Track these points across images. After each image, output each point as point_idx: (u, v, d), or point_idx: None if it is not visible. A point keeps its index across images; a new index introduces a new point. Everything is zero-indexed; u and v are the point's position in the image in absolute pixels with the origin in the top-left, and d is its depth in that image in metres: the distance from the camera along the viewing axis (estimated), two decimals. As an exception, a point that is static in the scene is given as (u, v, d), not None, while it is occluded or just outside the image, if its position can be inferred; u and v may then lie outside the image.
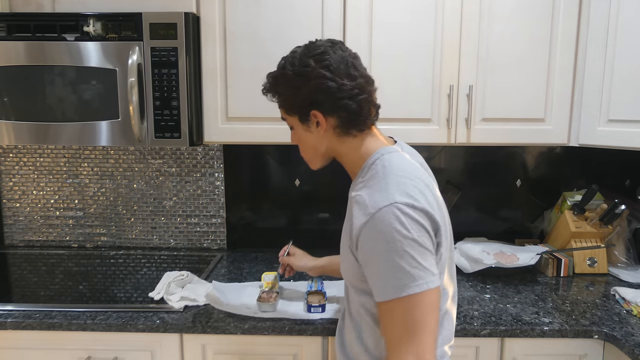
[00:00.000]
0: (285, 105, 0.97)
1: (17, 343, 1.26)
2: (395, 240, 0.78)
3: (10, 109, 1.42)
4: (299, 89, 0.91)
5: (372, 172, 0.89)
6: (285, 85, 0.94)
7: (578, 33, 1.46)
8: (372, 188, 0.85)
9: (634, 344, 1.13)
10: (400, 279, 0.78)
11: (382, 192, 0.83)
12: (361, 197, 0.85)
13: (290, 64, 0.93)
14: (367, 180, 0.89)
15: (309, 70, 0.90)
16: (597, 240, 1.61)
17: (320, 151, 0.98)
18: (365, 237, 0.82)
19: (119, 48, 1.39)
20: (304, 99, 0.91)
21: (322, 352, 1.26)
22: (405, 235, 0.78)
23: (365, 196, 0.84)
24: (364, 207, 0.83)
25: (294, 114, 0.96)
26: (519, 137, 1.50)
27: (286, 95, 0.95)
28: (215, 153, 1.83)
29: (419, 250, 0.79)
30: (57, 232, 1.88)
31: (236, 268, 1.65)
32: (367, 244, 0.81)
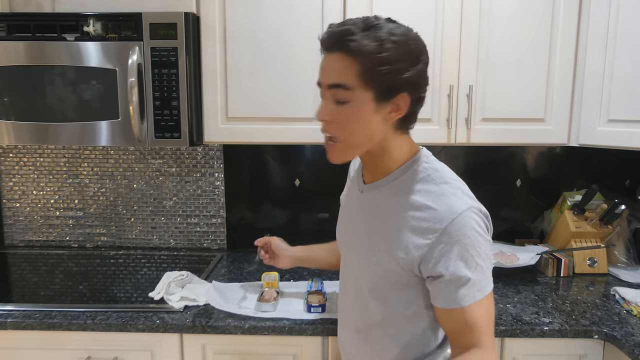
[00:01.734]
0: (372, 73, 0.78)
1: (17, 343, 1.26)
2: (480, 244, 0.80)
3: (10, 109, 1.42)
4: (411, 64, 0.79)
5: (421, 176, 0.85)
6: (399, 54, 0.77)
7: (578, 33, 1.46)
8: (434, 193, 0.82)
9: (634, 344, 1.13)
10: (482, 281, 0.81)
11: (452, 197, 0.81)
12: (419, 202, 0.83)
13: (402, 35, 0.78)
14: (417, 184, 0.85)
15: (422, 51, 0.81)
16: (597, 240, 1.61)
17: (374, 140, 0.84)
18: (447, 244, 0.79)
19: (119, 48, 1.39)
20: (409, 77, 0.79)
21: (322, 352, 1.26)
22: (486, 238, 0.82)
23: (427, 201, 0.82)
24: (433, 212, 0.81)
25: (371, 89, 0.79)
26: (519, 137, 1.50)
27: (387, 65, 0.77)
28: (215, 153, 1.83)
29: (490, 252, 0.84)
30: (57, 232, 1.88)
31: (236, 268, 1.65)
32: (451, 250, 0.79)
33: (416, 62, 0.80)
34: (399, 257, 0.84)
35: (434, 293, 0.84)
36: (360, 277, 0.93)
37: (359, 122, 0.81)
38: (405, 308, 0.88)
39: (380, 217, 0.88)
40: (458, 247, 0.79)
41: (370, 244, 0.90)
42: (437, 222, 0.80)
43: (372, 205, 0.91)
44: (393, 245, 0.85)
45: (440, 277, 0.81)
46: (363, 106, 0.80)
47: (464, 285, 0.79)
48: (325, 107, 0.83)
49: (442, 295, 0.82)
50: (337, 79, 0.80)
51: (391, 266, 0.85)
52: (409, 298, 0.88)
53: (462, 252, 0.79)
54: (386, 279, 0.87)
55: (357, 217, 0.95)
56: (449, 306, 0.81)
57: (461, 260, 0.79)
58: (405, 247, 0.83)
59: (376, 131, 0.83)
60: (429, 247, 0.80)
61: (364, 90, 0.79)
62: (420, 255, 0.81)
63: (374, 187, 0.91)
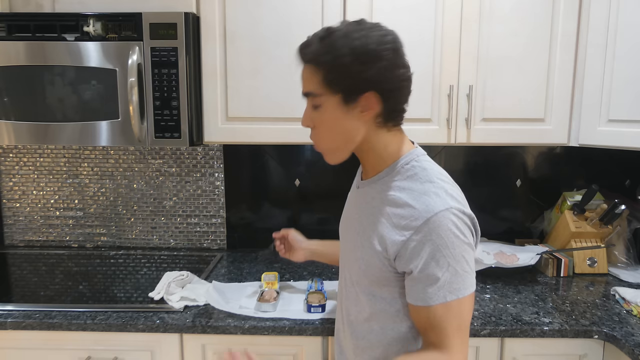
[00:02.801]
0: (332, 78, 0.83)
1: (17, 343, 1.26)
2: (455, 246, 0.80)
3: (10, 109, 1.42)
4: (365, 65, 0.81)
5: (408, 174, 0.87)
6: (353, 59, 0.81)
7: (578, 33, 1.46)
8: (417, 191, 0.84)
9: (634, 344, 1.13)
10: (455, 283, 0.81)
11: (433, 196, 0.82)
12: (402, 199, 0.84)
13: (360, 37, 0.81)
14: (403, 181, 0.87)
15: (383, 49, 0.81)
16: (597, 240, 1.61)
17: (355, 140, 0.87)
18: (419, 242, 0.80)
19: (119, 48, 1.39)
20: (366, 78, 0.81)
21: (322, 352, 1.26)
22: (462, 240, 0.81)
23: (408, 199, 0.83)
24: (412, 210, 0.82)
25: (338, 92, 0.83)
26: (519, 137, 1.50)
27: (345, 70, 0.81)
28: (215, 153, 1.83)
29: (470, 254, 0.83)
30: (57, 232, 1.88)
31: (236, 268, 1.65)
32: (422, 248, 0.80)
33: (376, 60, 0.81)
34: (378, 252, 0.86)
35: (407, 289, 0.86)
36: (352, 271, 0.95)
37: (333, 125, 0.86)
38: (390, 304, 0.89)
39: (368, 213, 0.91)
40: (430, 246, 0.80)
41: (357, 239, 0.92)
42: (413, 220, 0.81)
43: (364, 202, 0.93)
44: (374, 241, 0.87)
45: (411, 274, 0.83)
46: (332, 110, 0.85)
47: (433, 284, 0.81)
48: (305, 114, 0.90)
49: (412, 291, 0.84)
50: (308, 87, 0.86)
51: (372, 260, 0.87)
52: (393, 295, 0.89)
53: (433, 251, 0.80)
54: (369, 273, 0.89)
55: (352, 212, 0.98)
56: (417, 303, 0.83)
57: (432, 259, 0.80)
58: (384, 243, 0.85)
59: (353, 131, 0.86)
60: (403, 244, 0.82)
61: (331, 95, 0.84)
62: (395, 251, 0.83)
63: (367, 183, 0.93)
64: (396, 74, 0.83)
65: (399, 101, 0.87)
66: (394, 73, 0.83)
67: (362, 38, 0.81)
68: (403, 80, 0.85)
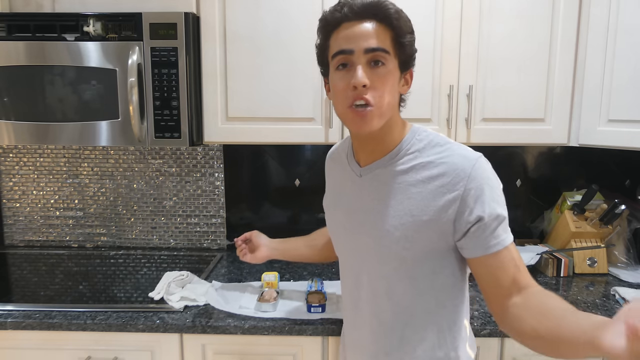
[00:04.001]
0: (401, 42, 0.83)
1: (17, 343, 1.26)
2: (499, 185, 0.84)
3: (10, 109, 1.42)
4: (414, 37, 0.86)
5: (424, 143, 0.87)
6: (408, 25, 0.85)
7: (578, 33, 1.46)
8: (444, 152, 0.85)
9: (634, 344, 1.13)
10: (506, 222, 0.83)
11: (461, 149, 0.85)
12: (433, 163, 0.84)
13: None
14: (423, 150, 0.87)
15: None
16: (597, 240, 1.61)
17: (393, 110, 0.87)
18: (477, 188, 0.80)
19: (119, 48, 1.39)
20: (414, 55, 0.87)
21: (322, 352, 1.26)
22: (500, 183, 0.85)
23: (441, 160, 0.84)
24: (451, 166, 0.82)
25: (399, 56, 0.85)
26: (519, 137, 1.50)
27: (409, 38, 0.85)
28: (215, 153, 1.83)
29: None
30: (57, 232, 1.88)
31: (236, 268, 1.65)
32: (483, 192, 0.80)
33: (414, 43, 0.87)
34: (429, 222, 0.83)
35: (471, 245, 0.82)
36: (380, 259, 0.90)
37: (391, 87, 0.83)
38: (433, 281, 0.87)
39: (393, 192, 0.87)
40: (487, 189, 0.81)
41: (388, 221, 0.87)
42: (460, 172, 0.81)
43: (380, 184, 0.89)
44: (419, 213, 0.84)
45: (479, 222, 0.80)
46: (394, 72, 0.84)
47: (501, 223, 0.81)
48: (363, 72, 0.81)
49: (482, 242, 0.81)
50: (377, 42, 0.81)
51: (421, 235, 0.84)
52: (434, 270, 0.87)
53: (491, 192, 0.81)
54: (415, 250, 0.85)
55: (359, 202, 0.92)
56: (493, 249, 0.80)
57: (493, 200, 0.81)
58: (435, 208, 0.82)
59: (395, 101, 0.86)
60: (461, 198, 0.81)
61: (395, 57, 0.83)
62: (453, 211, 0.81)
63: (376, 166, 0.90)
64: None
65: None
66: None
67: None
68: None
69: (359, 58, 0.81)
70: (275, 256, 1.32)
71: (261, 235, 1.35)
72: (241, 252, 1.34)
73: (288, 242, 1.34)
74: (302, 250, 1.32)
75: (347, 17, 0.82)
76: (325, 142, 1.49)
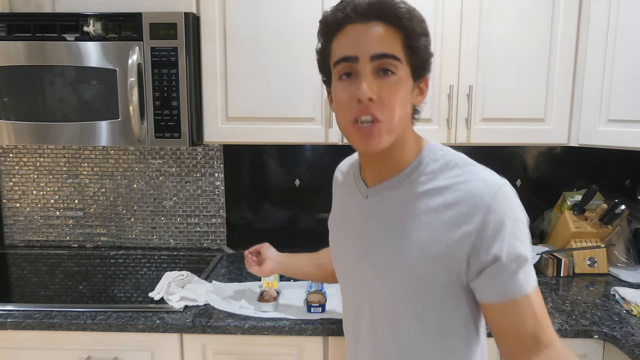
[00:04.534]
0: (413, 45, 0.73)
1: (17, 343, 1.26)
2: (524, 219, 0.71)
3: (10, 109, 1.42)
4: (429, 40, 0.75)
5: (440, 163, 0.76)
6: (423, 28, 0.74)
7: (578, 33, 1.45)
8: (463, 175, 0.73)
9: (634, 344, 1.13)
10: (530, 265, 0.71)
11: (483, 173, 0.73)
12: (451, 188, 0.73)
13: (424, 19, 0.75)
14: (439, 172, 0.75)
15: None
16: (597, 240, 1.61)
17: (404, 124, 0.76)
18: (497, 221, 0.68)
19: (119, 48, 1.39)
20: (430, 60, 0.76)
21: (323, 352, 1.26)
22: (526, 216, 0.73)
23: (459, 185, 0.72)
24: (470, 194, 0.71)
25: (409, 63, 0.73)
26: (519, 137, 1.50)
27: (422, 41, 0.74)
28: (215, 153, 1.82)
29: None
30: (57, 232, 1.88)
31: (236, 268, 1.65)
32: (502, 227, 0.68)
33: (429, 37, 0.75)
34: (439, 257, 0.72)
35: (485, 288, 0.71)
36: (384, 293, 0.79)
37: (402, 99, 0.72)
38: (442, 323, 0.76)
39: (401, 218, 0.76)
40: (509, 223, 0.68)
41: (394, 252, 0.76)
42: (477, 202, 0.69)
43: (387, 209, 0.79)
44: (429, 246, 0.73)
45: (496, 262, 0.68)
46: (405, 81, 0.73)
47: (523, 266, 0.69)
48: (368, 83, 0.70)
49: (498, 286, 0.69)
50: (386, 48, 0.70)
51: (428, 271, 0.73)
52: (444, 311, 0.75)
53: (513, 228, 0.69)
54: (422, 288, 0.75)
55: (364, 227, 0.82)
56: (510, 296, 0.68)
57: (515, 237, 0.68)
58: (447, 242, 0.71)
59: (407, 115, 0.75)
60: (477, 232, 0.69)
61: (406, 64, 0.72)
62: (468, 247, 0.70)
63: (384, 188, 0.79)
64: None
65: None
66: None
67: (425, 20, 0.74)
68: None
69: (364, 66, 0.70)
70: (279, 271, 1.23)
71: (270, 249, 1.26)
72: (248, 263, 1.26)
73: (294, 258, 1.25)
74: (306, 267, 1.21)
75: (350, 19, 0.71)
76: (325, 142, 1.49)
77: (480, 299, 0.73)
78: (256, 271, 1.24)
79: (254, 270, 1.24)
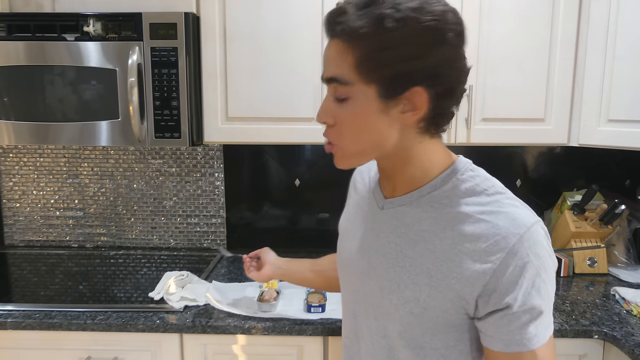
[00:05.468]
0: (369, 62, 0.62)
1: (17, 343, 1.26)
2: (550, 268, 0.64)
3: (10, 109, 1.42)
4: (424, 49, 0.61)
5: (467, 185, 0.68)
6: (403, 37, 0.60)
7: (578, 33, 1.45)
8: (489, 205, 0.66)
9: (634, 344, 1.13)
10: (549, 315, 0.64)
11: (513, 208, 0.65)
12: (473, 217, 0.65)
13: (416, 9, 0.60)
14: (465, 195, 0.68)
15: (442, 28, 0.61)
16: (597, 240, 1.61)
17: (385, 146, 0.67)
18: (517, 266, 0.61)
19: (119, 48, 1.39)
20: (422, 67, 0.61)
21: (323, 352, 1.26)
22: (554, 262, 0.65)
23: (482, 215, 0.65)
24: (493, 228, 0.63)
25: (373, 82, 0.63)
26: (519, 137, 1.50)
27: (385, 49, 0.61)
28: (215, 153, 1.83)
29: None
30: (57, 232, 1.88)
31: (236, 268, 1.65)
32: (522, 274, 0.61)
33: (436, 43, 0.61)
34: (447, 291, 0.66)
35: (491, 333, 0.65)
36: (385, 318, 0.74)
37: (361, 125, 0.66)
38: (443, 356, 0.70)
39: (415, 239, 0.70)
40: (530, 271, 0.61)
41: (401, 274, 0.70)
42: (500, 240, 0.62)
43: (401, 225, 0.72)
44: (438, 276, 0.66)
45: (506, 309, 0.62)
46: (365, 105, 0.64)
47: (535, 319, 0.62)
48: (324, 106, 0.68)
49: (504, 334, 0.63)
50: (333, 71, 0.65)
51: (434, 302, 0.67)
52: (447, 344, 0.70)
53: (534, 277, 0.61)
54: (425, 318, 0.68)
55: (375, 240, 0.76)
56: (515, 348, 0.63)
57: (533, 287, 0.61)
58: (458, 276, 0.65)
59: (388, 136, 0.66)
60: (493, 273, 0.62)
61: (365, 84, 0.63)
62: (481, 285, 0.63)
63: (402, 202, 0.72)
64: (457, 67, 0.65)
65: (452, 103, 0.67)
66: (455, 65, 0.64)
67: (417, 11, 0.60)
68: (463, 75, 0.66)
69: (328, 88, 0.68)
70: (277, 276, 1.17)
71: (269, 253, 1.21)
72: (247, 268, 1.21)
73: (293, 263, 1.18)
74: (306, 273, 1.14)
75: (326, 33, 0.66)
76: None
77: (482, 341, 0.68)
78: (254, 276, 1.18)
79: (252, 275, 1.19)
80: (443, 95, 0.64)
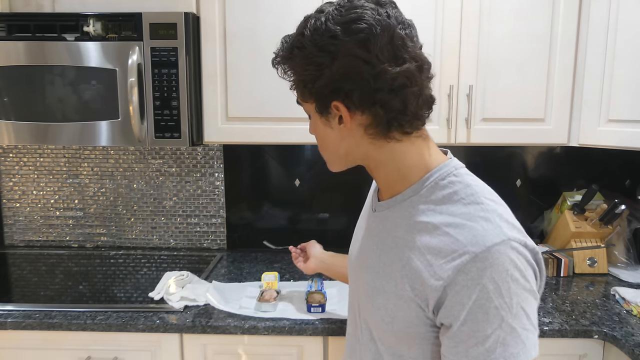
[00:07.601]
0: (299, 86, 0.70)
1: (17, 343, 1.26)
2: (513, 293, 0.58)
3: (10, 109, 1.42)
4: (320, 68, 0.65)
5: (445, 192, 0.66)
6: (302, 61, 0.66)
7: (578, 33, 1.45)
8: (460, 215, 0.63)
9: (634, 344, 1.13)
10: (512, 345, 0.58)
11: (482, 222, 0.61)
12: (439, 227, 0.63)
13: (313, 29, 0.65)
14: (439, 202, 0.66)
15: (337, 43, 0.63)
16: (597, 240, 1.61)
17: (351, 154, 0.71)
18: (465, 286, 0.59)
19: (119, 48, 1.39)
20: (325, 83, 0.65)
21: (323, 352, 1.26)
22: (524, 286, 0.59)
23: (448, 227, 0.62)
24: (453, 242, 0.61)
25: (310, 100, 0.70)
26: (519, 137, 1.50)
27: (301, 75, 0.68)
28: (215, 153, 1.83)
29: (533, 305, 0.61)
30: (57, 232, 1.88)
31: (236, 268, 1.65)
32: (468, 294, 0.58)
33: (326, 62, 0.64)
34: (409, 300, 0.64)
35: (444, 353, 0.63)
36: (371, 322, 0.73)
37: (322, 137, 0.74)
38: None
39: (390, 245, 0.70)
40: (478, 292, 0.58)
41: (375, 279, 0.70)
42: (456, 257, 0.60)
43: (383, 229, 0.72)
44: (402, 285, 0.65)
45: (449, 328, 0.61)
46: (316, 120, 0.72)
47: (479, 345, 0.58)
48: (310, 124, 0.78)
49: (453, 355, 0.61)
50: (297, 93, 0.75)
51: (400, 312, 0.66)
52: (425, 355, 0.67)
53: (482, 299, 0.58)
54: (396, 329, 0.67)
55: (367, 244, 0.77)
56: None
57: (480, 310, 0.58)
58: (419, 288, 0.63)
59: (343, 145, 0.71)
60: (443, 289, 0.60)
61: (308, 103, 0.72)
62: (434, 300, 0.62)
63: (387, 205, 0.73)
64: (365, 77, 0.63)
65: (392, 108, 0.65)
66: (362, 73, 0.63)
67: (313, 29, 0.64)
68: (386, 81, 0.63)
69: None
70: (321, 269, 1.21)
71: (315, 246, 1.25)
72: (295, 258, 1.26)
73: (336, 258, 1.20)
74: (344, 270, 1.07)
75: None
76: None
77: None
78: (302, 267, 1.25)
79: (300, 266, 1.26)
80: (364, 103, 0.65)
